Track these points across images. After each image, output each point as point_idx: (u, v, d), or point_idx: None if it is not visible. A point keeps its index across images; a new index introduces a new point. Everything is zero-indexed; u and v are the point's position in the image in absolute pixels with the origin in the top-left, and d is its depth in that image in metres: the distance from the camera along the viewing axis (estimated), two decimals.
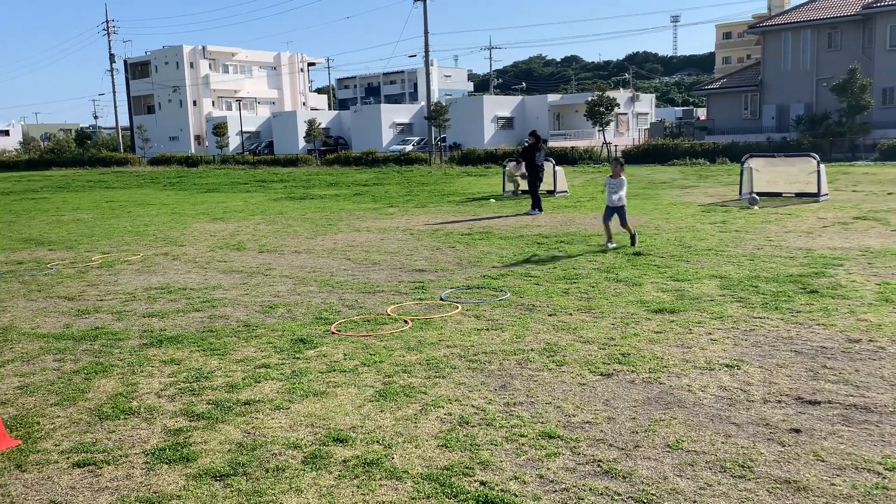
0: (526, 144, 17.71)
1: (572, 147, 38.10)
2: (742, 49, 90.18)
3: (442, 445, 4.46)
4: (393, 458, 4.30)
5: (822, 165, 17.15)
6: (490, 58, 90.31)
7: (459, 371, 5.85)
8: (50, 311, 8.57)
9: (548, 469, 4.13)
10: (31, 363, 6.49)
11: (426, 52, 46.04)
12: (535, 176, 17.11)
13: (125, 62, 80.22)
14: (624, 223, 11.57)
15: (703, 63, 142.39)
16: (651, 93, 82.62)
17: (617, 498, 3.79)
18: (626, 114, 60.21)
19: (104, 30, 69.25)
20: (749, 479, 3.94)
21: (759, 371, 5.62)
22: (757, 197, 16.74)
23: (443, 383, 5.57)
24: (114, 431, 4.89)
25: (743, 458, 4.19)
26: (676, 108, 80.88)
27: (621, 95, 57.97)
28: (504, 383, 5.54)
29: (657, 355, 6.06)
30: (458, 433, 4.64)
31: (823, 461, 4.12)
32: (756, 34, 47.50)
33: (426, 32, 45.50)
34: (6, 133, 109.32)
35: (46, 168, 55.70)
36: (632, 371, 5.71)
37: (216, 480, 4.11)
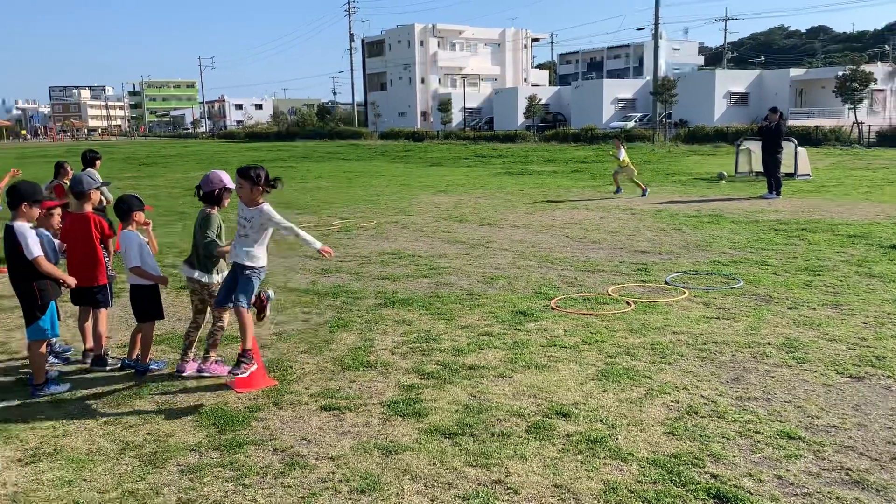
0: (765, 123, 16.36)
1: (816, 126, 34.59)
2: None
3: (669, 432, 4.33)
4: (617, 439, 4.25)
5: None
6: (725, 29, 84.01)
7: (687, 359, 5.61)
8: (298, 268, 9.50)
9: (787, 470, 3.85)
10: (284, 313, 7.25)
11: (656, 24, 44.10)
12: (775, 157, 15.82)
13: (362, 41, 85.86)
14: (242, 312, 5.01)
15: None
16: None
17: None
18: (883, 90, 53.44)
19: (346, 11, 74.52)
20: None
21: None
22: None
23: (669, 370, 5.39)
24: (354, 381, 5.32)
25: None
26: None
27: (879, 69, 51.44)
28: (737, 376, 5.23)
29: None
30: (687, 422, 4.47)
31: None
32: None
33: (657, 4, 43.55)
34: (259, 107, 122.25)
35: (291, 139, 61.53)
36: (888, 376, 5.12)
37: (446, 438, 4.33)
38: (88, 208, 5.83)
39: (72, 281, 5.35)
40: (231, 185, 5.38)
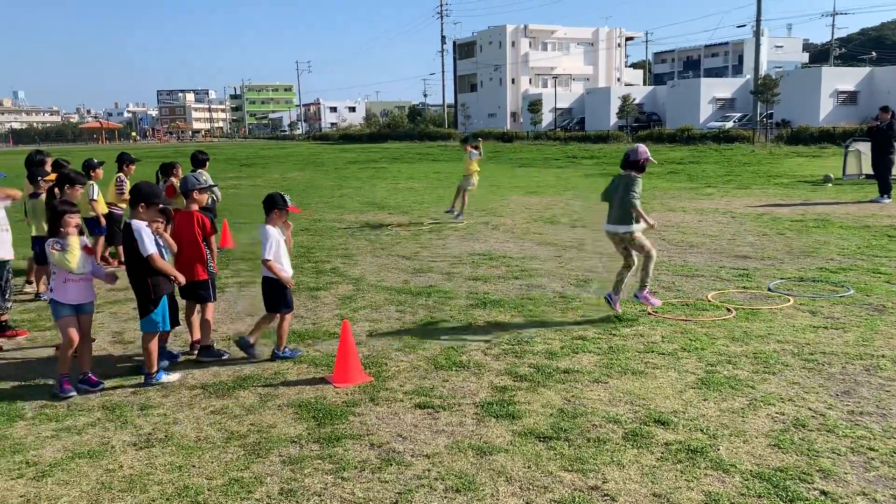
0: (876, 122, 15.44)
1: None
2: None
3: (773, 445, 4.15)
4: (719, 450, 4.11)
5: None
6: (832, 25, 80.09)
7: (793, 369, 5.37)
8: (391, 267, 9.65)
9: None
10: (379, 311, 7.39)
11: (757, 20, 42.34)
12: (887, 158, 14.94)
13: (454, 43, 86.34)
14: None
15: None
16: None
17: None
18: None
19: (438, 13, 75.13)
20: None
21: None
22: None
23: (773, 380, 5.17)
24: (447, 381, 5.37)
25: None
26: None
27: None
28: (847, 389, 4.97)
29: None
30: (793, 435, 4.28)
31: None
32: None
33: None
34: (353, 109, 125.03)
35: (383, 141, 62.57)
36: None
37: (540, 441, 4.31)
38: (194, 207, 6.12)
39: (182, 278, 5.62)
40: (652, 158, 6.91)
